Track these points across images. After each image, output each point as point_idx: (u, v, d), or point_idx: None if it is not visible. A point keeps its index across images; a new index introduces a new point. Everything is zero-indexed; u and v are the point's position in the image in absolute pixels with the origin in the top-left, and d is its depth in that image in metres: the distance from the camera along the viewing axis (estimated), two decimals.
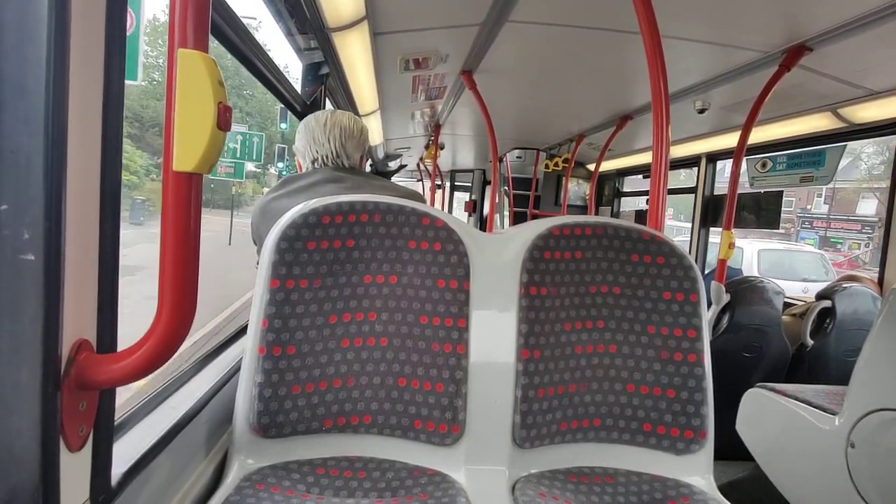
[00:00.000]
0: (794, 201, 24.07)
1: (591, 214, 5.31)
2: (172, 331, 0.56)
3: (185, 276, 0.56)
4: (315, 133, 1.43)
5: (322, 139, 1.42)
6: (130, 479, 0.71)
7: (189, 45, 0.52)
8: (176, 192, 0.54)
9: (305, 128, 1.46)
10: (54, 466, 0.53)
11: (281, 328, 0.99)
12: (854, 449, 1.49)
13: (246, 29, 1.32)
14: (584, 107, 3.52)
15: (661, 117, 1.42)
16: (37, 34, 0.49)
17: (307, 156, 1.45)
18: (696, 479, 1.06)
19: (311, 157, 1.44)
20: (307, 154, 1.44)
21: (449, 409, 1.02)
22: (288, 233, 1.00)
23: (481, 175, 7.06)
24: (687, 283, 1.10)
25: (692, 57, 2.24)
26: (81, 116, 0.54)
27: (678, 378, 1.09)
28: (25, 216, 0.49)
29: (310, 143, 1.43)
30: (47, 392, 0.52)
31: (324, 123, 1.43)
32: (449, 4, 1.97)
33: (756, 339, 2.45)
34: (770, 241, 11.04)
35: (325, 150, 1.42)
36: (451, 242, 1.07)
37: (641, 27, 1.40)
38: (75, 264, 0.54)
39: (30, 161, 0.49)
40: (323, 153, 1.43)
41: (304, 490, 0.93)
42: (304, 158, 1.46)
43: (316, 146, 1.43)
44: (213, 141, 0.53)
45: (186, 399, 0.99)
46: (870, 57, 2.00)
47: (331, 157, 1.43)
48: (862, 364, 1.52)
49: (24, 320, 0.50)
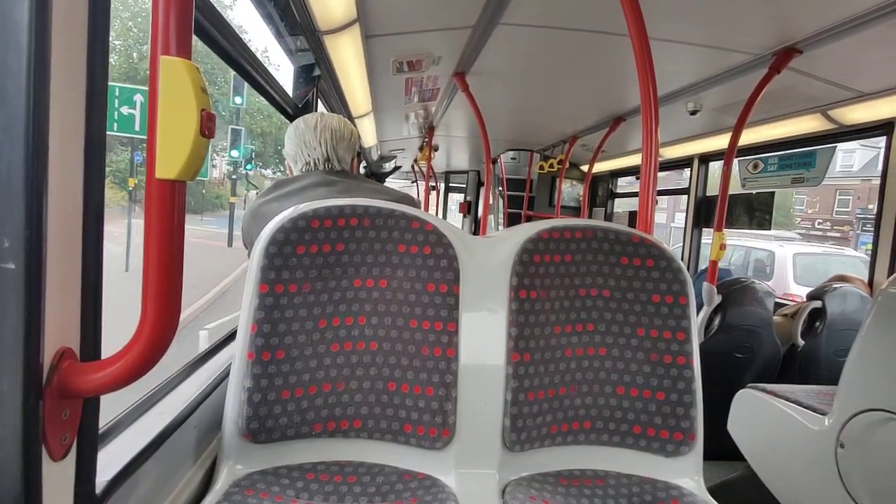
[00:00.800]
0: (850, 199, 22.12)
1: (584, 216, 5.33)
2: (157, 338, 0.55)
3: (168, 283, 0.55)
4: (306, 137, 1.42)
5: (313, 143, 1.41)
6: (116, 487, 0.70)
7: (172, 53, 0.52)
8: (160, 199, 0.53)
9: (295, 131, 1.45)
10: (36, 476, 0.53)
11: (270, 333, 0.98)
12: (843, 449, 1.50)
13: (233, 31, 1.32)
14: (577, 108, 3.53)
15: (651, 119, 1.43)
16: (17, 42, 0.48)
17: (298, 160, 1.44)
18: (685, 481, 1.07)
19: (303, 161, 1.43)
20: (298, 158, 1.43)
21: (439, 412, 1.02)
22: (277, 237, 0.99)
23: (476, 176, 7.06)
24: (676, 285, 1.11)
25: (683, 59, 2.25)
26: (63, 124, 0.53)
27: (667, 380, 1.09)
28: (6, 225, 0.49)
29: (300, 147, 1.42)
30: (28, 401, 0.51)
31: (314, 127, 1.42)
32: (441, 7, 1.97)
33: (747, 339, 2.46)
34: (808, 245, 10.12)
35: (316, 154, 1.42)
36: (440, 246, 1.07)
37: (630, 30, 1.40)
38: (58, 272, 0.54)
39: (10, 169, 0.49)
40: (314, 157, 1.42)
41: (293, 495, 0.93)
42: (295, 162, 1.45)
43: (307, 150, 1.42)
44: (197, 148, 0.53)
45: (174, 404, 0.98)
46: (859, 59, 2.02)
47: (321, 160, 1.42)
48: (851, 364, 1.53)
49: (4, 329, 0.50)
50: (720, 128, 3.30)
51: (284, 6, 1.74)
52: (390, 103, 3.51)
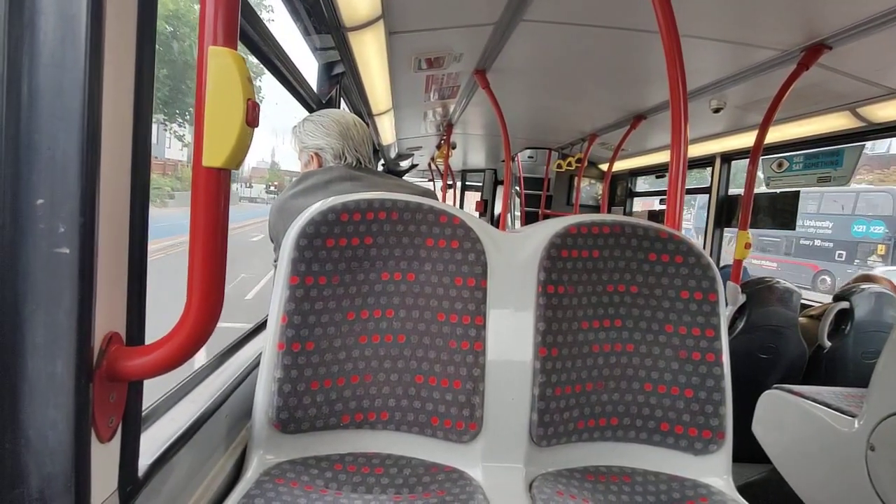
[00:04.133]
0: None
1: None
2: (201, 324, 0.57)
3: (213, 270, 0.56)
4: (351, 132, 1.45)
5: (358, 139, 1.46)
6: (156, 471, 0.72)
7: (219, 43, 0.53)
8: (206, 187, 0.55)
9: (335, 126, 1.46)
10: (86, 457, 0.55)
11: (300, 324, 1.00)
12: (874, 452, 1.47)
13: (267, 29, 1.34)
14: (598, 106, 3.50)
15: (680, 116, 1.41)
16: (73, 36, 0.50)
17: (344, 154, 1.45)
18: (714, 480, 1.06)
19: (352, 157, 1.45)
20: (346, 153, 1.45)
21: (466, 406, 1.02)
22: (307, 230, 1.01)
23: (492, 175, 7.05)
24: (705, 282, 1.10)
25: (708, 56, 2.22)
26: (114, 115, 0.55)
27: (696, 377, 1.08)
28: (61, 211, 0.51)
29: (346, 142, 1.45)
30: (80, 383, 0.53)
31: (353, 124, 1.46)
32: (463, 4, 1.97)
33: (772, 340, 2.42)
34: None
35: (362, 150, 1.47)
36: (468, 240, 1.07)
37: (660, 26, 1.39)
38: (107, 258, 0.56)
39: (66, 158, 0.50)
40: (360, 153, 1.46)
41: (322, 485, 0.94)
42: (336, 156, 1.46)
43: (353, 145, 1.45)
44: (242, 137, 0.54)
45: (206, 394, 1.00)
46: (890, 55, 1.97)
47: (365, 157, 1.47)
48: (882, 366, 1.50)
49: (58, 313, 0.51)
50: (743, 126, 3.25)
51: (312, 3, 1.76)
52: (410, 101, 3.52)
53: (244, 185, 38.34)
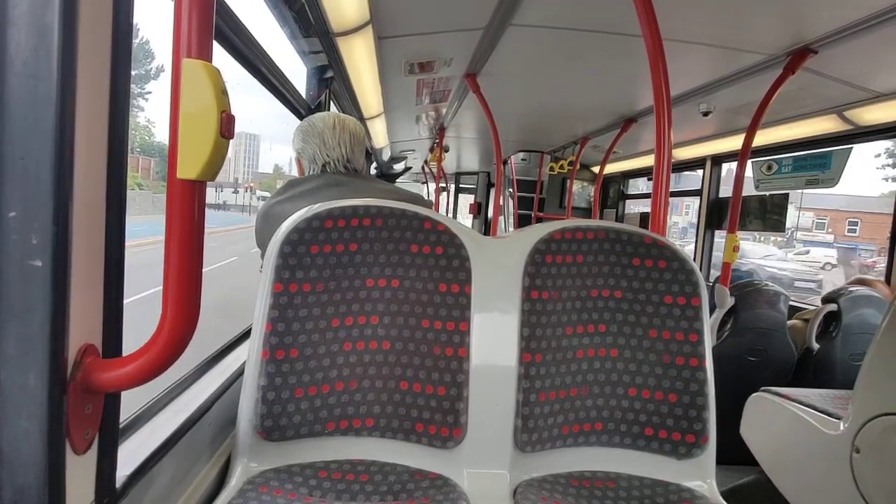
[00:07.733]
0: None
1: (595, 217, 5.31)
2: (177, 335, 0.56)
3: (188, 281, 0.56)
4: (325, 137, 1.42)
5: (332, 143, 1.42)
6: (135, 482, 0.72)
7: (193, 55, 0.53)
8: (181, 199, 0.54)
9: (312, 129, 1.44)
10: (60, 469, 0.54)
11: (284, 332, 1.00)
12: (859, 454, 1.48)
13: (249, 33, 1.33)
14: (588, 109, 3.52)
15: (664, 120, 1.42)
16: (46, 45, 0.50)
17: (317, 159, 1.44)
18: (697, 484, 1.06)
19: (322, 161, 1.43)
20: (317, 157, 1.43)
21: (450, 412, 1.03)
22: (291, 237, 1.00)
23: (486, 178, 7.06)
24: (689, 287, 1.10)
25: (696, 60, 2.24)
26: (88, 124, 0.55)
27: (680, 382, 1.09)
28: (34, 222, 0.50)
29: (320, 147, 1.43)
30: (54, 395, 0.53)
31: (332, 127, 1.43)
32: (452, 8, 1.98)
33: (761, 342, 2.44)
34: None
35: (335, 155, 1.42)
36: (452, 246, 1.07)
37: (643, 30, 1.40)
38: (81, 270, 0.55)
39: (39, 168, 0.50)
40: (334, 157, 1.42)
41: (306, 493, 0.94)
42: (314, 162, 1.45)
43: (326, 150, 1.42)
44: (217, 149, 0.54)
45: (190, 402, 1.00)
46: (876, 59, 1.99)
47: (341, 161, 1.42)
48: (867, 368, 1.51)
49: (31, 324, 0.51)
50: (733, 129, 3.27)
51: (299, 9, 1.76)
52: (402, 104, 3.52)
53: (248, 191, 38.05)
